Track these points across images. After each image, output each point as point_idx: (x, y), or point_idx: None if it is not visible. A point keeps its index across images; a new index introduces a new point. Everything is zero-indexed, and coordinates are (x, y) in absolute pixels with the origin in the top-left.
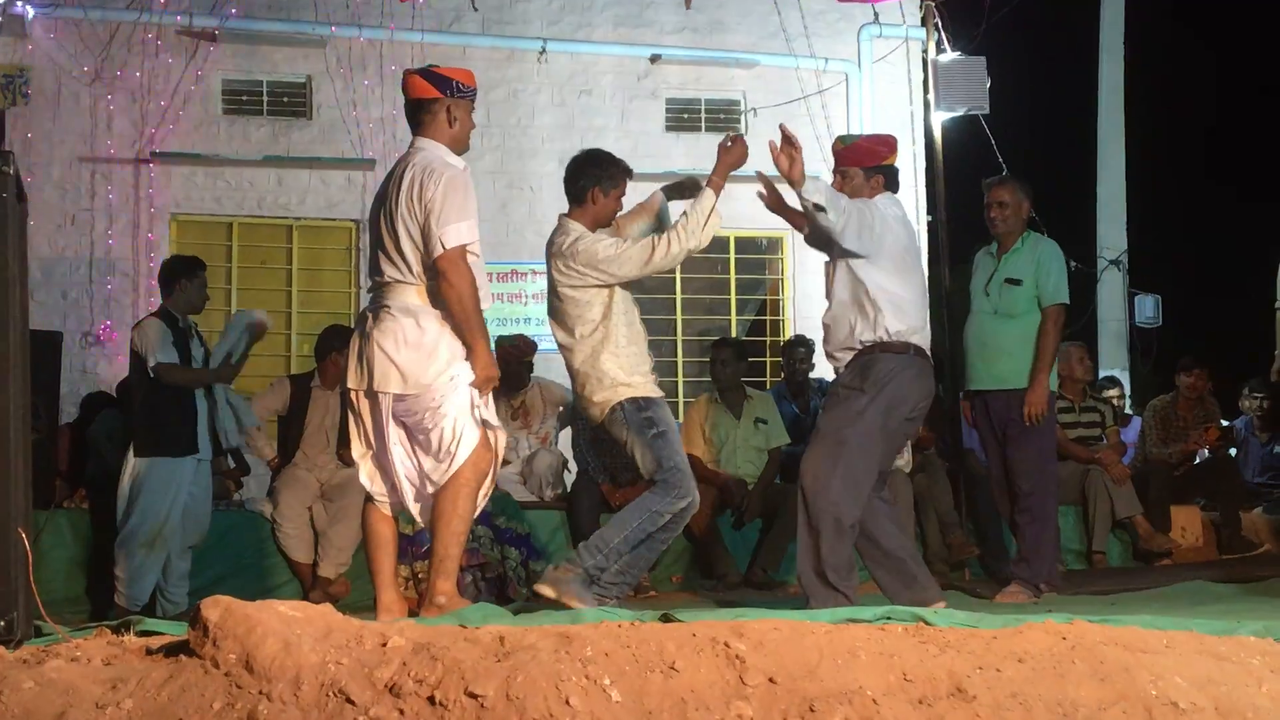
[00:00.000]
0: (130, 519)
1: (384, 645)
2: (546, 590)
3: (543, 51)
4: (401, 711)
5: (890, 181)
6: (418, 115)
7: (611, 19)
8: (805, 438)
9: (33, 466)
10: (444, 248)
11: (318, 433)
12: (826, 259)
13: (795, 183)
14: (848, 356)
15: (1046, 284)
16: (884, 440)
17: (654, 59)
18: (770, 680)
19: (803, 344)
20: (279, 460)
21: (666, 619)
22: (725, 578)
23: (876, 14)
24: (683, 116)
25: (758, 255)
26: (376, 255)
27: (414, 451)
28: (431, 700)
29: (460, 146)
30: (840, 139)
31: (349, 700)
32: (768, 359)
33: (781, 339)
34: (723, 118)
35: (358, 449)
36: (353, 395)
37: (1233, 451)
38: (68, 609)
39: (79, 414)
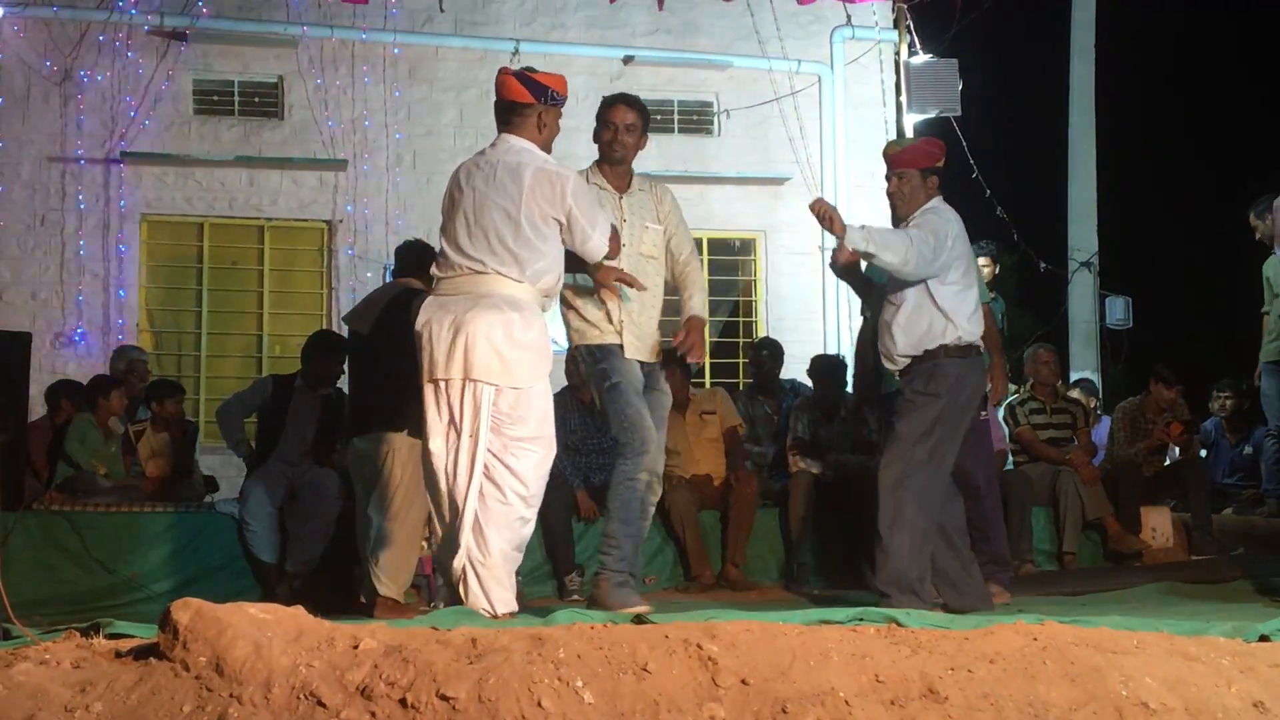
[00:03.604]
0: (412, 506)
1: (355, 648)
2: (598, 611)
3: (515, 52)
4: (373, 714)
5: (940, 184)
6: (508, 116)
7: (584, 20)
8: (778, 439)
9: (2, 468)
10: (602, 252)
11: (296, 433)
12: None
13: (838, 235)
14: (906, 362)
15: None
16: (957, 443)
17: (627, 60)
18: (743, 682)
19: (767, 346)
20: (255, 459)
21: (639, 621)
22: (700, 578)
23: (849, 16)
24: (655, 118)
25: (730, 257)
26: (465, 241)
27: (494, 454)
28: (403, 703)
29: (547, 151)
30: (893, 143)
31: (320, 703)
32: (740, 360)
33: (754, 339)
34: (695, 119)
35: (436, 444)
36: (441, 386)
37: (1203, 453)
38: (37, 611)
39: (47, 408)
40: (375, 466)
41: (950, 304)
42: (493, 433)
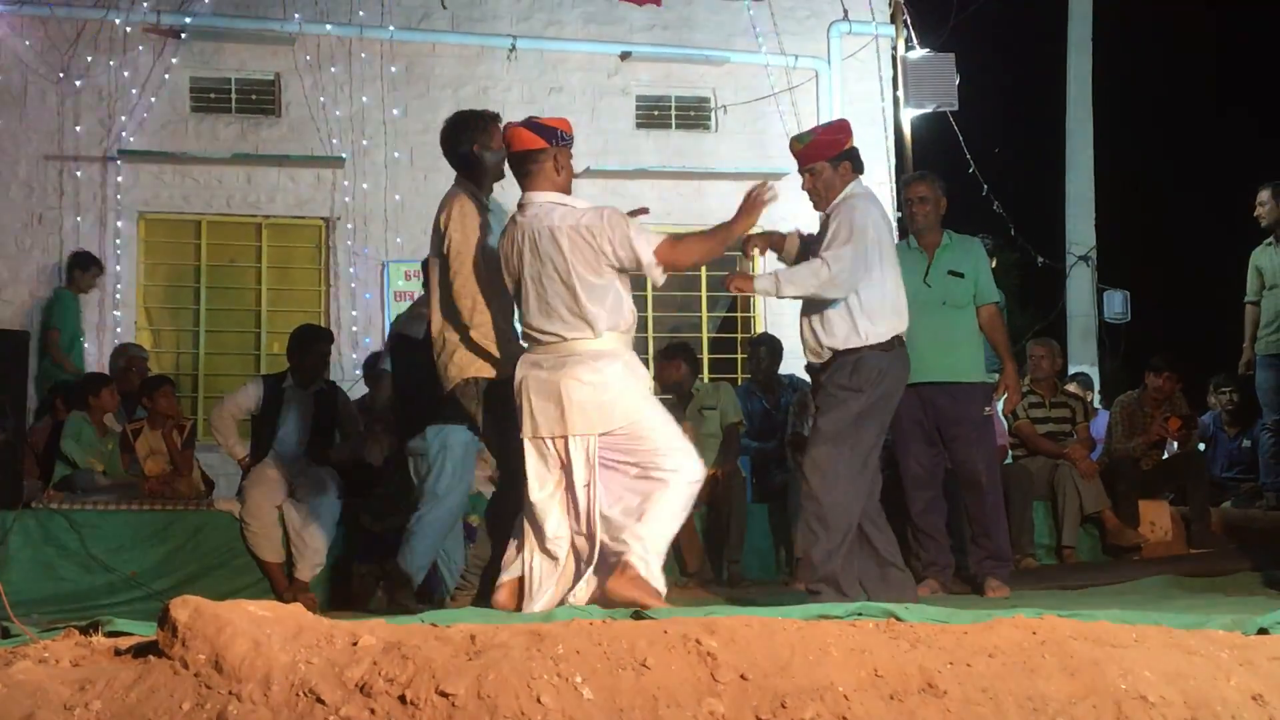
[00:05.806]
0: (454, 493)
1: (354, 644)
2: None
3: (512, 49)
4: (372, 711)
5: (856, 164)
6: (524, 166)
7: (581, 16)
8: (777, 434)
9: (1, 467)
10: (659, 268)
11: (290, 432)
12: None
13: (760, 293)
14: (829, 355)
15: (987, 282)
16: (882, 434)
17: (624, 56)
18: (742, 677)
19: (765, 342)
20: (250, 460)
21: (638, 616)
22: (697, 574)
23: (846, 10)
24: (653, 114)
25: (729, 252)
26: (538, 315)
27: (617, 485)
28: (403, 699)
29: (566, 194)
30: (796, 139)
31: (319, 700)
32: (738, 356)
33: (753, 335)
34: (692, 115)
35: (538, 495)
36: (547, 443)
37: (1201, 446)
38: (36, 610)
39: (50, 404)
40: (428, 463)
41: (872, 301)
42: (633, 464)
